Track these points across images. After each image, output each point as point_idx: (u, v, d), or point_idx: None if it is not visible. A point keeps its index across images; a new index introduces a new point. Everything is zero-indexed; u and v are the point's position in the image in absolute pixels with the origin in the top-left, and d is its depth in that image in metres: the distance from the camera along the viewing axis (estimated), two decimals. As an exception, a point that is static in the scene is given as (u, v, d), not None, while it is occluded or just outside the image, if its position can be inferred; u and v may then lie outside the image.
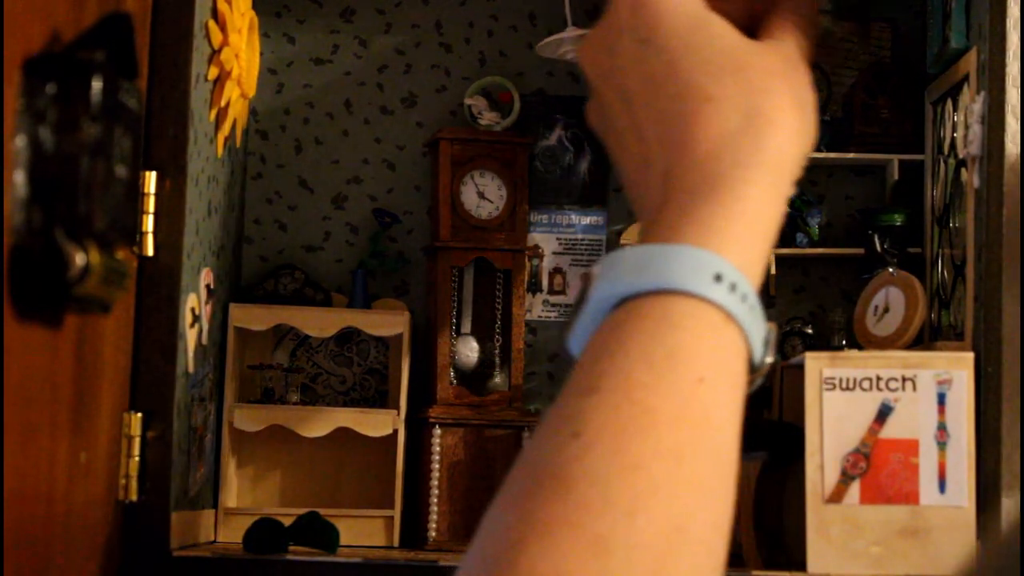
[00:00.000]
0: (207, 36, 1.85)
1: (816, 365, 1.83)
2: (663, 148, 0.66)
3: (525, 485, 0.57)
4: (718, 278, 0.61)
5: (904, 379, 1.82)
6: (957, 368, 1.81)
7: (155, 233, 1.69)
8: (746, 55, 0.67)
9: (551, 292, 2.27)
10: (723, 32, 0.67)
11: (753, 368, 0.63)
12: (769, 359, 0.62)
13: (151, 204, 1.69)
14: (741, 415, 0.60)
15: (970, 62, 1.89)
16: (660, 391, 0.58)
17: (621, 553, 0.54)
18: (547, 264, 2.27)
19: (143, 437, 1.68)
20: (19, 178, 1.12)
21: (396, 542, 2.08)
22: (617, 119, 0.70)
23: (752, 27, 0.69)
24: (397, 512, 2.08)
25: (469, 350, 2.19)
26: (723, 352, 0.60)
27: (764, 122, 0.65)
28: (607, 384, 0.58)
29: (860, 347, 2.00)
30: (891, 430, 1.82)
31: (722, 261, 0.62)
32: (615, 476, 0.56)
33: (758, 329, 0.62)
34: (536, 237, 2.26)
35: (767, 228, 0.64)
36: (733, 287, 0.61)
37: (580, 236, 2.27)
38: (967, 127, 1.86)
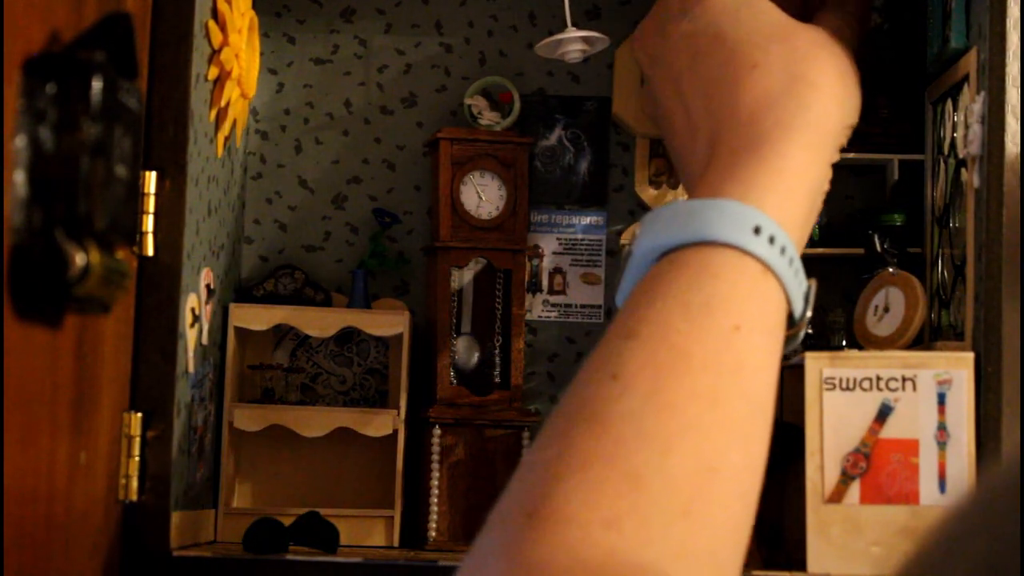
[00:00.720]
0: (207, 36, 1.85)
1: (816, 365, 1.83)
2: (708, 114, 0.68)
3: (564, 424, 0.58)
4: (757, 230, 0.63)
5: (904, 379, 1.82)
6: (957, 368, 1.81)
7: (155, 233, 1.69)
8: (792, 28, 0.69)
9: (551, 292, 2.27)
10: (769, 8, 0.70)
11: (792, 322, 0.64)
12: (809, 313, 0.64)
13: (151, 204, 1.69)
14: (778, 364, 0.62)
15: (970, 62, 1.89)
16: (696, 337, 0.60)
17: (654, 488, 0.55)
18: (547, 264, 2.27)
19: (143, 437, 1.68)
20: (19, 178, 1.13)
21: (396, 542, 2.08)
22: (666, 98, 0.72)
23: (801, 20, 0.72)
24: (397, 512, 2.08)
25: (469, 350, 2.19)
26: (760, 302, 0.62)
27: (807, 85, 0.67)
28: (645, 330, 0.60)
29: (860, 347, 2.00)
30: (891, 430, 1.82)
31: (761, 214, 0.63)
32: (650, 415, 0.57)
33: (797, 283, 0.64)
34: (536, 237, 2.26)
35: (810, 188, 0.66)
36: (772, 240, 0.63)
37: (580, 236, 2.27)
38: (967, 127, 1.86)
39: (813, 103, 0.67)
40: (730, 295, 0.61)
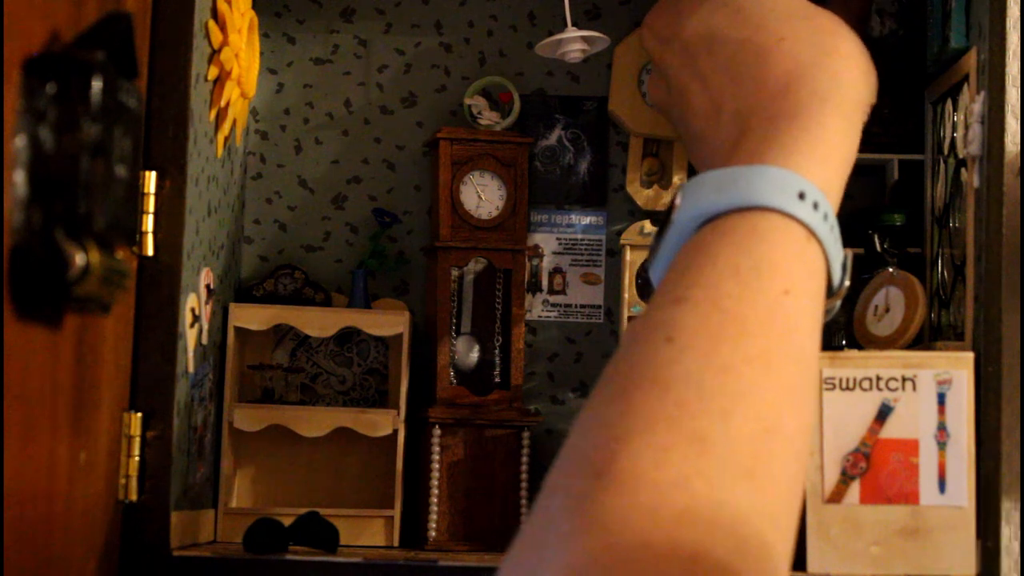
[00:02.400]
0: (207, 36, 1.85)
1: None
2: (734, 88, 0.69)
3: (622, 385, 0.58)
4: (801, 196, 0.63)
5: (904, 379, 1.82)
6: (957, 368, 1.81)
7: (155, 233, 1.69)
8: (811, 7, 0.71)
9: (551, 292, 2.27)
10: None
11: (830, 292, 0.65)
12: (847, 283, 0.64)
13: (151, 204, 1.69)
14: (821, 331, 0.62)
15: (970, 62, 1.89)
16: (747, 300, 0.60)
17: (718, 450, 0.55)
18: (547, 264, 2.27)
19: (143, 437, 1.68)
20: (19, 178, 1.13)
21: (396, 542, 2.08)
22: (681, 78, 0.73)
23: None
24: (397, 512, 2.08)
25: (469, 350, 2.19)
26: (806, 267, 0.63)
27: (837, 58, 0.68)
28: (696, 294, 0.60)
29: (860, 347, 2.00)
30: (891, 430, 1.82)
31: (805, 180, 0.64)
32: (709, 378, 0.57)
33: (837, 251, 0.65)
34: (536, 237, 2.26)
35: (844, 158, 0.67)
36: (816, 206, 0.64)
37: (580, 236, 2.27)
38: (967, 127, 1.86)
39: (844, 75, 0.68)
40: (779, 259, 0.61)
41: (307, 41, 2.27)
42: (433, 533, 2.09)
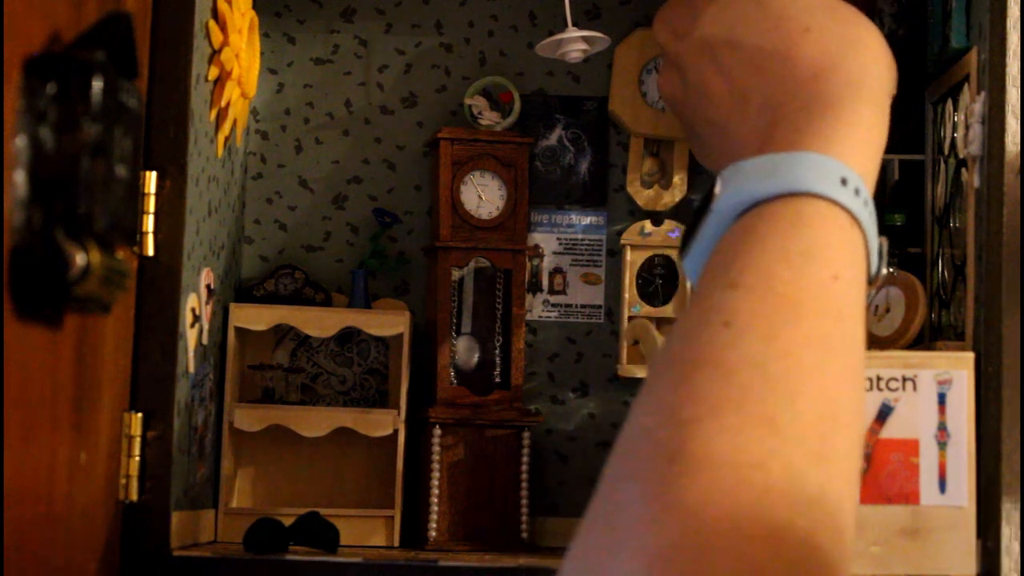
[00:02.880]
0: (207, 36, 1.85)
1: (816, 365, 1.83)
2: (761, 78, 0.69)
3: (683, 370, 0.58)
4: (843, 182, 0.64)
5: (904, 379, 1.82)
6: (957, 368, 1.81)
7: (155, 233, 1.69)
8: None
9: (551, 292, 2.27)
10: None
11: (868, 279, 0.65)
12: (884, 270, 0.65)
13: (151, 204, 1.69)
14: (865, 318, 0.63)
15: (970, 62, 1.89)
16: (800, 285, 0.60)
17: (788, 433, 0.56)
18: (547, 264, 2.27)
19: (143, 437, 1.68)
20: (19, 178, 1.13)
21: (396, 542, 2.08)
22: (699, 71, 0.73)
23: None
24: (397, 512, 2.08)
25: (469, 350, 2.19)
26: (851, 252, 0.63)
27: (864, 47, 0.69)
28: (748, 279, 0.60)
29: (860, 347, 1.99)
30: (891, 430, 1.82)
31: (845, 167, 0.64)
32: (771, 361, 0.57)
33: (875, 237, 0.65)
34: (536, 237, 2.26)
35: (877, 146, 0.67)
36: (857, 192, 0.64)
37: (580, 236, 2.27)
38: (967, 127, 1.86)
39: (871, 64, 0.69)
40: (827, 245, 0.62)
41: (307, 41, 2.27)
42: (433, 533, 2.09)
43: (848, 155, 0.65)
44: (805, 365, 0.58)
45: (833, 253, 0.62)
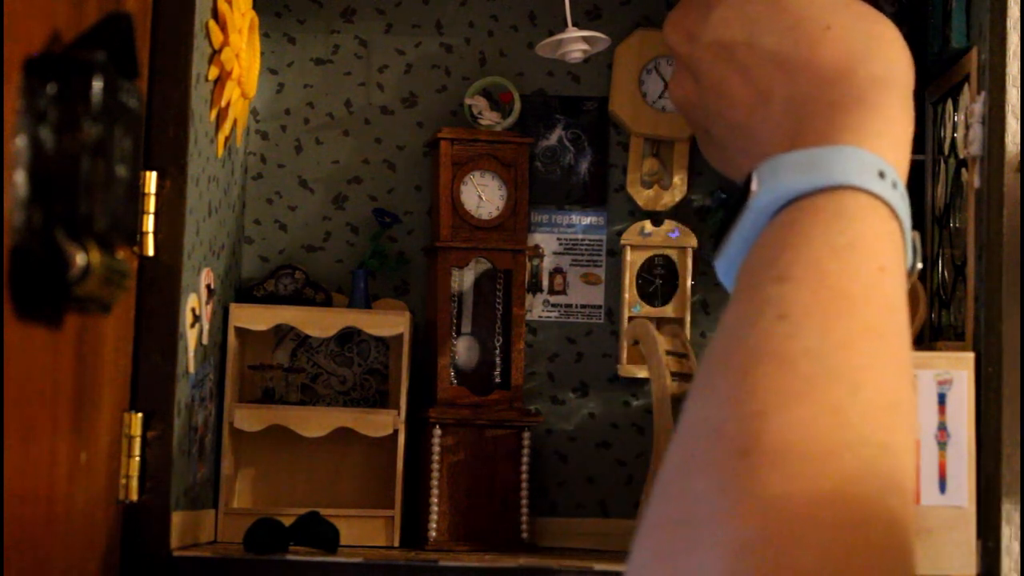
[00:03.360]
0: (207, 36, 1.85)
1: (816, 365, 1.83)
2: (784, 77, 0.70)
3: (743, 363, 0.58)
4: (881, 175, 0.64)
5: (904, 379, 1.81)
6: (957, 368, 1.81)
7: (156, 233, 1.69)
8: None
9: (551, 292, 2.27)
10: None
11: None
12: (919, 264, 0.65)
13: (151, 204, 1.69)
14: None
15: (970, 62, 1.89)
16: (850, 277, 0.60)
17: (856, 423, 0.56)
18: (547, 264, 2.27)
19: (143, 437, 1.68)
20: (19, 178, 1.13)
21: (396, 542, 2.08)
22: (716, 72, 0.73)
23: None
24: (397, 512, 2.08)
25: (469, 350, 2.19)
26: (893, 245, 0.64)
27: (887, 43, 0.69)
28: (798, 272, 0.60)
29: (860, 347, 1.99)
30: (891, 430, 1.81)
31: (883, 160, 0.64)
32: (830, 352, 0.58)
33: (909, 231, 0.65)
34: (536, 237, 2.26)
35: (907, 141, 0.68)
36: (895, 185, 0.64)
37: (580, 236, 2.27)
38: (967, 127, 1.86)
39: (895, 60, 0.69)
40: (871, 237, 0.62)
41: (308, 41, 2.27)
42: (433, 533, 2.09)
43: (883, 148, 0.65)
44: (864, 356, 0.58)
45: (878, 245, 0.62)
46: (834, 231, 0.62)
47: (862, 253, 0.61)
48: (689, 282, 2.23)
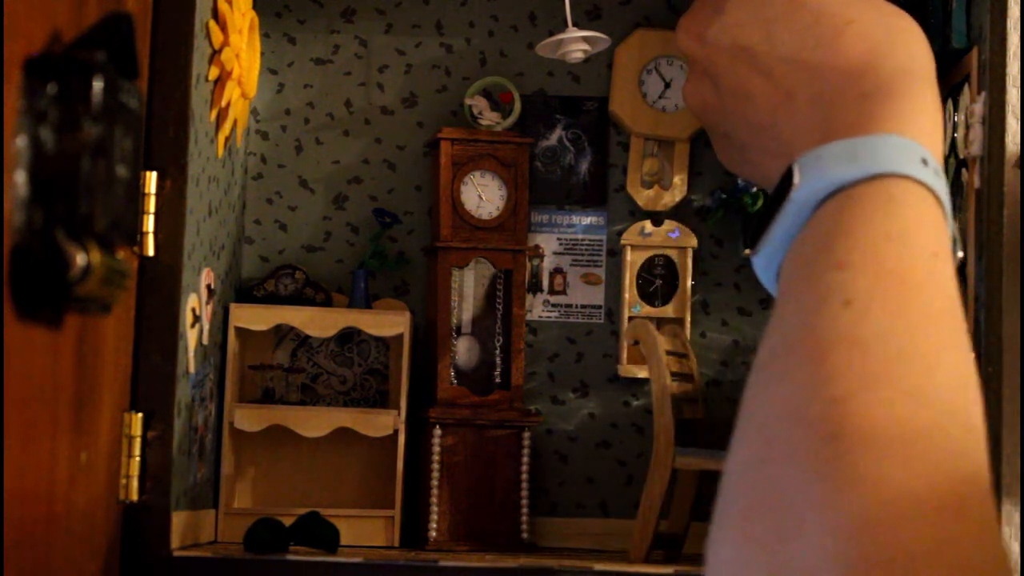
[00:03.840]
0: (208, 36, 1.85)
1: (816, 365, 1.83)
2: (808, 73, 0.70)
3: (814, 349, 0.58)
4: (924, 162, 0.64)
5: (904, 379, 1.81)
6: (957, 368, 1.81)
7: (156, 233, 1.69)
8: None
9: (551, 292, 2.27)
10: None
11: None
12: (960, 252, 0.66)
13: (152, 204, 1.69)
14: None
15: (970, 62, 1.89)
16: (907, 262, 0.60)
17: (937, 405, 0.56)
18: (547, 264, 2.27)
19: (144, 437, 1.68)
20: (19, 178, 1.13)
21: (396, 542, 2.08)
22: (734, 73, 0.73)
23: None
24: (397, 512, 2.08)
25: (469, 350, 2.19)
26: (942, 231, 0.64)
27: (909, 36, 0.70)
28: (856, 258, 0.60)
29: (860, 347, 1.99)
30: (891, 430, 1.81)
31: (923, 148, 0.64)
32: (901, 335, 0.58)
33: (952, 219, 0.65)
34: (536, 237, 2.26)
35: (940, 131, 0.68)
36: (937, 172, 0.64)
37: (580, 236, 2.27)
38: (968, 127, 1.86)
39: (918, 52, 0.69)
40: (922, 223, 0.62)
41: (308, 41, 2.27)
42: (433, 533, 2.09)
43: (920, 136, 0.65)
44: (932, 339, 0.58)
45: (927, 231, 0.62)
46: (885, 218, 0.62)
47: (916, 239, 0.61)
48: (689, 282, 2.23)
